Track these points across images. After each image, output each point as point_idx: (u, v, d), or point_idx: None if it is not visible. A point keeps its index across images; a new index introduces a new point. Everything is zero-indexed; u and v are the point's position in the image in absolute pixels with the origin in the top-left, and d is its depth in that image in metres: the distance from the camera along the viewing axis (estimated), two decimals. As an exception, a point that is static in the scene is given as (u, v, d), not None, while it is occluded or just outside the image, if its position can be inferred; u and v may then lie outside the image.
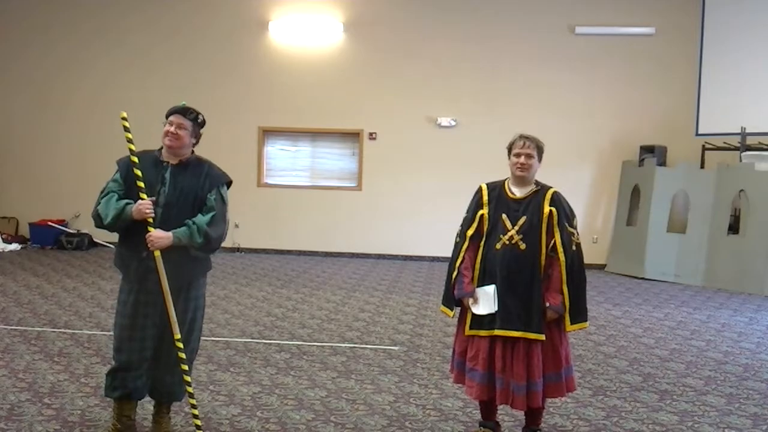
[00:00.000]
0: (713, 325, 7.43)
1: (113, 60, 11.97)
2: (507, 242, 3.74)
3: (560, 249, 3.70)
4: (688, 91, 11.26)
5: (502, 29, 11.62)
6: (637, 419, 4.44)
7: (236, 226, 11.20)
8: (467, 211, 3.96)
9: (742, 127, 10.19)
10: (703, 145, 10.92)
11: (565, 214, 3.78)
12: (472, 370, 3.80)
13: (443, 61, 11.67)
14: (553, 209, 3.74)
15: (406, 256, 11.73)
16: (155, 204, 3.57)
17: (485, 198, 3.88)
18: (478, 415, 4.41)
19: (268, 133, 12.08)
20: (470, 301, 3.79)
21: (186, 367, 3.66)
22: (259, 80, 11.87)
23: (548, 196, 3.79)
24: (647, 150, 10.99)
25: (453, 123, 11.69)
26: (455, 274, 3.86)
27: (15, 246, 11.46)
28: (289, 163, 12.21)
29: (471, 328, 3.81)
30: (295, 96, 11.84)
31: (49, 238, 11.67)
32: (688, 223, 10.37)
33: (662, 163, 10.86)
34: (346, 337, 6.35)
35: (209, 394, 4.59)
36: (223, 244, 3.84)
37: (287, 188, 12.05)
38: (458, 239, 3.92)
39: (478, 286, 3.81)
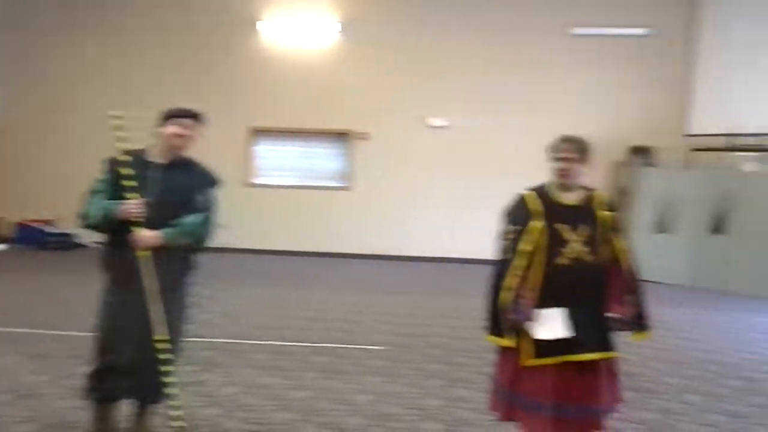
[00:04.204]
0: (697, 323, 7.49)
1: (99, 58, 11.94)
2: (571, 255, 3.31)
3: (623, 255, 3.35)
4: (679, 92, 11.33)
5: (497, 30, 11.62)
6: (618, 417, 4.46)
7: (224, 226, 11.15)
8: (511, 222, 3.48)
9: (732, 128, 10.23)
10: (692, 146, 10.97)
11: (619, 217, 3.48)
12: (538, 405, 3.27)
13: (436, 62, 11.68)
14: (610, 214, 3.40)
15: (396, 257, 11.74)
16: (143, 204, 3.58)
17: (535, 207, 3.41)
18: (459, 412, 4.44)
19: (258, 133, 12.09)
20: (532, 326, 3.28)
21: (169, 368, 3.66)
22: (250, 79, 11.88)
23: (601, 200, 3.45)
24: (636, 151, 11.04)
25: (445, 124, 11.71)
26: (508, 296, 3.31)
27: (1, 246, 11.45)
28: (279, 162, 12.22)
29: (538, 356, 3.28)
30: (286, 95, 11.84)
31: (34, 239, 11.62)
32: (676, 223, 10.42)
33: (651, 163, 10.91)
34: (331, 337, 6.37)
35: (190, 395, 4.59)
36: (211, 244, 3.86)
37: (277, 188, 12.06)
38: (506, 255, 3.41)
39: (540, 307, 3.30)
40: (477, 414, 4.44)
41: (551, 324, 3.26)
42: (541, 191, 3.49)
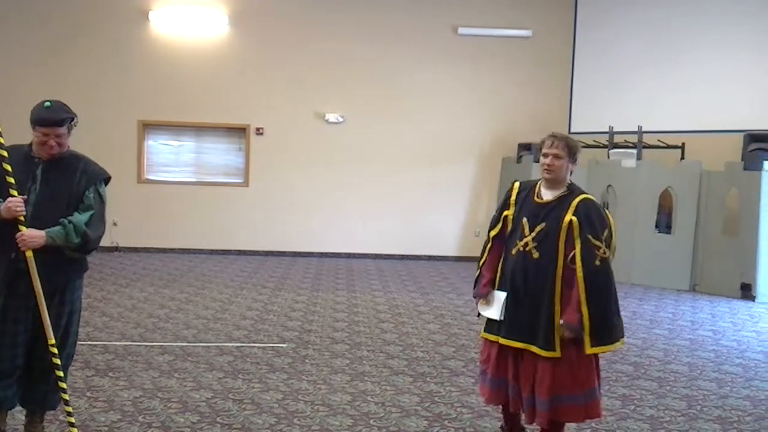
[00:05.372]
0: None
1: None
2: (522, 248, 3.53)
3: (578, 262, 3.41)
4: (562, 91, 11.91)
5: (389, 27, 11.78)
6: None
7: (114, 224, 10.72)
8: (496, 209, 3.82)
9: (609, 126, 10.86)
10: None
11: (589, 224, 3.45)
12: (483, 372, 3.76)
13: (330, 57, 11.69)
14: (575, 218, 3.45)
15: (295, 253, 11.68)
16: (26, 202, 3.38)
17: (513, 198, 3.69)
18: (366, 408, 4.49)
19: (149, 127, 11.66)
20: (481, 302, 3.69)
21: (61, 374, 3.50)
22: (140, 72, 11.43)
23: (574, 203, 3.50)
24: (524, 147, 11.48)
25: (341, 119, 11.73)
26: (477, 273, 3.81)
27: None
28: (171, 158, 11.84)
29: (485, 331, 3.73)
30: (178, 89, 11.49)
31: None
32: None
33: (538, 159, 11.36)
34: (233, 336, 6.25)
35: (86, 401, 4.40)
36: (101, 244, 3.69)
37: (170, 184, 11.69)
38: (486, 238, 3.81)
39: (497, 289, 3.67)
40: (384, 407, 4.51)
41: (496, 304, 3.61)
42: (528, 184, 3.73)
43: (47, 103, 3.45)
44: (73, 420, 3.58)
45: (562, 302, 3.46)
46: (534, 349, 3.48)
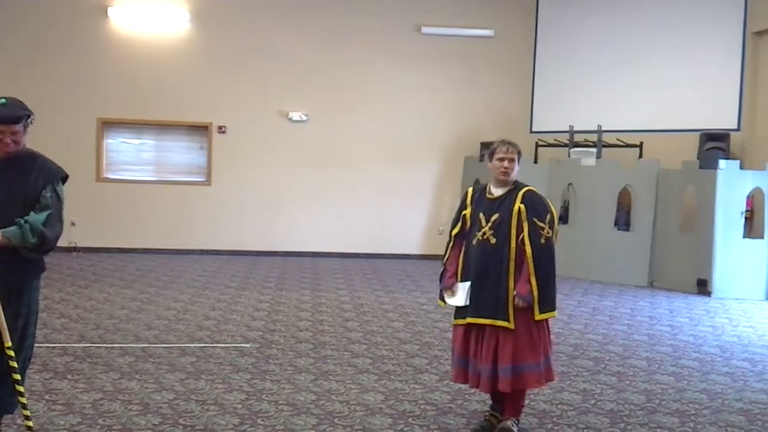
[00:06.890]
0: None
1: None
2: (481, 238, 4.02)
3: (527, 242, 3.92)
4: (524, 90, 12.05)
5: (352, 26, 11.79)
6: (479, 400, 4.69)
7: (73, 224, 10.52)
8: (456, 212, 4.27)
9: (570, 126, 11.03)
10: (537, 142, 11.69)
11: (534, 209, 3.98)
12: (453, 354, 4.21)
13: (293, 56, 11.64)
14: (522, 206, 3.97)
15: (259, 252, 11.60)
16: (-20, 202, 3.30)
17: (469, 199, 4.18)
18: (330, 406, 4.48)
19: (108, 125, 11.46)
20: (448, 293, 4.13)
21: (18, 377, 3.42)
22: (99, 69, 11.25)
23: (520, 193, 4.02)
24: (487, 146, 11.52)
25: (304, 117, 11.69)
26: (442, 269, 4.22)
27: None
28: (132, 157, 11.67)
29: (455, 318, 4.17)
30: (138, 86, 11.33)
31: None
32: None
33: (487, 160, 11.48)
34: (196, 336, 6.19)
35: (45, 404, 4.31)
36: (59, 244, 3.61)
37: (130, 183, 11.52)
38: (448, 238, 4.25)
39: (461, 280, 4.10)
40: (348, 405, 4.51)
41: (461, 293, 4.06)
42: (480, 186, 4.24)
43: (2, 100, 3.37)
44: (31, 424, 3.51)
45: (516, 279, 3.94)
46: (497, 322, 3.92)
